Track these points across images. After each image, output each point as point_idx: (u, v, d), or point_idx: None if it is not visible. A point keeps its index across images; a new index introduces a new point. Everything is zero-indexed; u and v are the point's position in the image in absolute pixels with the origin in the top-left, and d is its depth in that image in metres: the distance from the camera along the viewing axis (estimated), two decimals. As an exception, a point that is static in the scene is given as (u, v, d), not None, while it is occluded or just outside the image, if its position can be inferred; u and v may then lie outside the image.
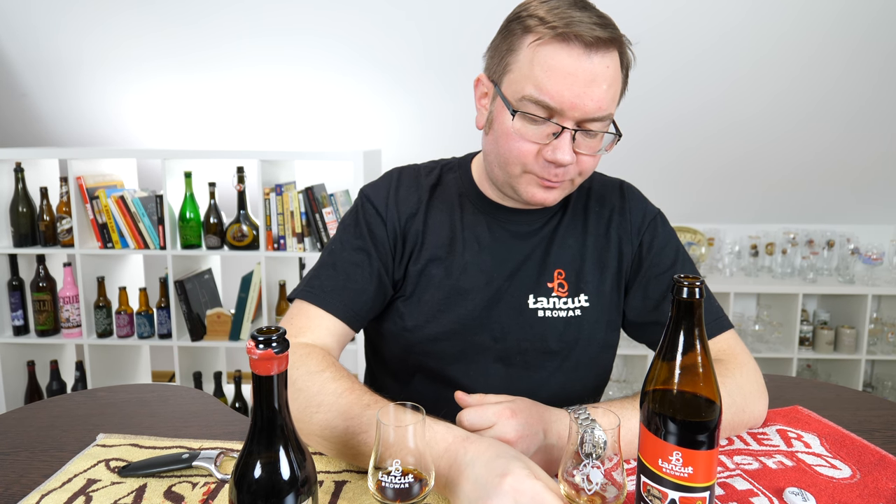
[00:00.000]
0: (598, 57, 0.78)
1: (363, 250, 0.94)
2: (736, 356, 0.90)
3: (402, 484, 0.58)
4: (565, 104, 0.78)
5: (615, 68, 0.80)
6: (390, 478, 0.58)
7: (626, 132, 0.95)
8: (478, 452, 0.64)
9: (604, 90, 0.79)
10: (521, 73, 0.81)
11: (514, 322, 0.94)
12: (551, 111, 0.79)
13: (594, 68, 0.77)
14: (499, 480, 0.59)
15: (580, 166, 0.85)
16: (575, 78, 0.77)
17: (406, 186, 1.00)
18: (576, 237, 0.97)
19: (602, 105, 0.79)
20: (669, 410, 0.57)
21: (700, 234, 2.92)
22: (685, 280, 0.56)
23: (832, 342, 2.72)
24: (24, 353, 2.56)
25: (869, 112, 2.55)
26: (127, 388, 1.06)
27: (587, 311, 0.95)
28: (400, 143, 2.83)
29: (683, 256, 0.99)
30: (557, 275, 0.95)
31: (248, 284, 2.50)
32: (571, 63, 0.77)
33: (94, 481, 0.75)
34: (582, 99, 0.78)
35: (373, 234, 0.96)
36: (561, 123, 0.80)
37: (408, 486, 0.58)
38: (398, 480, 0.57)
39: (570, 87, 0.77)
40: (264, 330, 0.53)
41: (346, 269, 0.93)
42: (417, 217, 0.97)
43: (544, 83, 0.78)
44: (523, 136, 0.82)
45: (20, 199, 2.42)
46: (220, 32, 2.47)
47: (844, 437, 0.84)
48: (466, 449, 0.65)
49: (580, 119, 0.80)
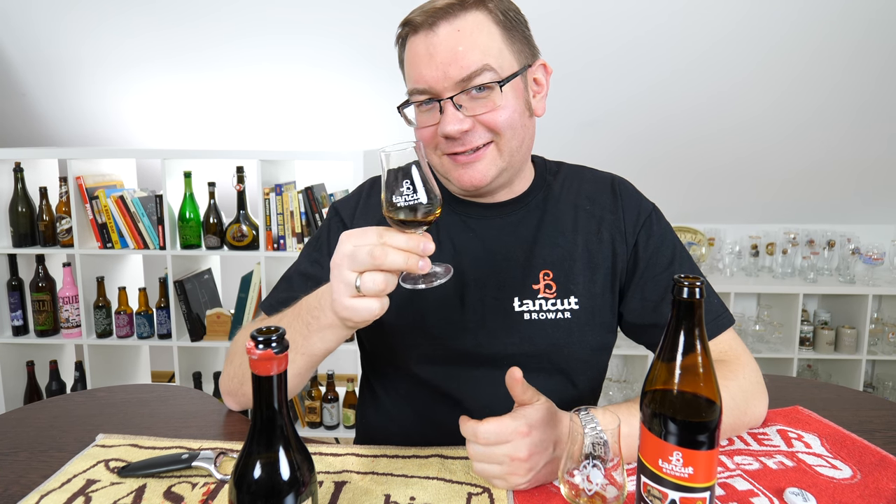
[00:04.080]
0: (444, 28, 0.82)
1: (318, 263, 0.97)
2: (737, 357, 0.90)
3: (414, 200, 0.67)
4: (430, 80, 0.82)
5: (473, 25, 0.82)
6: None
7: (627, 131, 0.95)
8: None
9: (460, 51, 0.81)
10: (406, 78, 0.89)
11: (499, 326, 0.91)
12: (427, 93, 0.84)
13: (441, 40, 0.82)
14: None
15: (487, 125, 0.84)
16: (430, 56, 0.82)
17: (378, 193, 1.00)
18: (566, 236, 0.95)
19: (464, 64, 0.81)
20: (670, 410, 0.57)
21: (700, 234, 2.92)
22: (685, 280, 0.55)
23: (833, 342, 2.72)
24: (24, 353, 2.56)
25: (870, 112, 2.55)
26: (126, 388, 1.06)
27: (577, 314, 0.92)
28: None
29: (681, 253, 0.96)
30: (544, 276, 0.92)
31: (247, 284, 2.50)
32: (423, 46, 0.83)
33: (93, 482, 0.75)
34: (441, 69, 0.81)
35: (332, 248, 0.97)
36: (439, 98, 0.83)
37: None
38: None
39: (427, 65, 0.82)
40: (264, 330, 0.53)
41: (297, 281, 0.97)
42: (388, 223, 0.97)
43: (412, 73, 0.85)
44: (422, 124, 0.88)
45: (20, 198, 2.42)
46: (220, 32, 2.47)
47: (845, 437, 0.84)
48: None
49: (454, 87, 0.82)
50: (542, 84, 0.92)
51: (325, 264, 0.96)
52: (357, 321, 0.69)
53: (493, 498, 0.71)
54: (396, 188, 0.67)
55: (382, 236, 0.66)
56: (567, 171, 1.02)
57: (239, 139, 2.90)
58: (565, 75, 2.46)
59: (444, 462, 0.79)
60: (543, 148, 0.99)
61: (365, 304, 0.67)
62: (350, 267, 0.67)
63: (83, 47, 2.56)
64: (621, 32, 2.35)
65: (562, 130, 2.66)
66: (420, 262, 0.66)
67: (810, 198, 2.91)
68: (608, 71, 2.48)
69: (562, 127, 2.65)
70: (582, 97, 2.56)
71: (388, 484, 0.74)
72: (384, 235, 0.66)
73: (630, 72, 2.47)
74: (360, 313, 0.68)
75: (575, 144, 2.75)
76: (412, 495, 0.71)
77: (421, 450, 0.82)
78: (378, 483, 0.74)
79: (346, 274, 0.67)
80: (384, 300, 0.68)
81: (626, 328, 0.99)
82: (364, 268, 0.66)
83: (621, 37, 2.36)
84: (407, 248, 0.66)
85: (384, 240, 0.66)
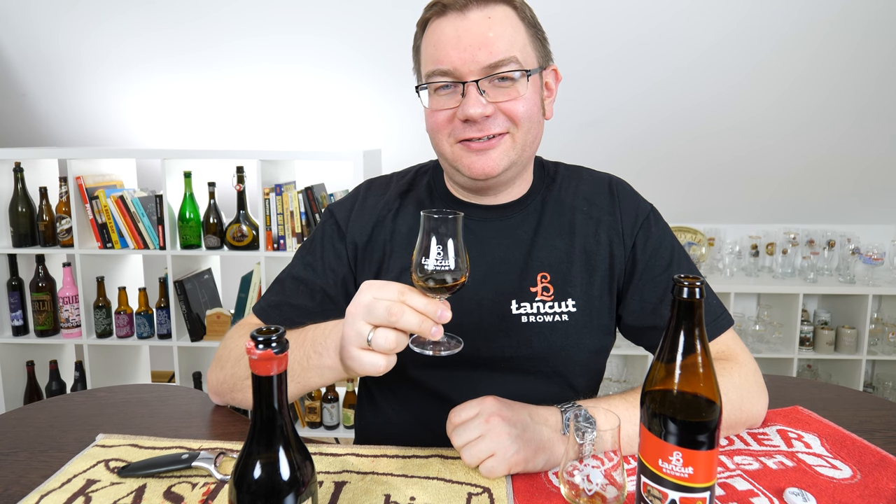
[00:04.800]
0: (475, 12, 0.82)
1: (311, 267, 0.97)
2: (735, 356, 0.90)
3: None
4: (456, 62, 0.82)
5: (502, 15, 0.84)
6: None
7: (628, 130, 0.95)
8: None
9: (490, 37, 0.82)
10: (424, 61, 0.88)
11: (497, 329, 0.91)
12: (450, 75, 0.84)
13: (473, 24, 0.82)
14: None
15: (507, 114, 0.85)
16: (458, 39, 0.82)
17: (374, 195, 1.00)
18: (563, 239, 0.94)
19: (493, 50, 0.81)
20: (670, 411, 0.57)
21: (700, 234, 2.91)
22: (685, 280, 0.55)
23: (833, 342, 2.72)
24: (24, 353, 2.56)
25: (870, 112, 2.55)
26: (126, 388, 1.06)
27: (575, 317, 0.91)
28: (400, 142, 2.83)
29: (679, 254, 0.96)
30: (541, 278, 0.92)
31: (247, 284, 2.50)
32: (451, 28, 0.83)
33: (93, 482, 0.75)
34: (470, 52, 0.81)
35: (325, 251, 0.97)
36: (462, 81, 0.83)
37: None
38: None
39: (455, 47, 0.82)
40: (264, 330, 0.53)
41: (289, 284, 0.97)
42: (384, 225, 0.97)
43: (436, 55, 0.84)
44: (438, 108, 0.87)
45: (19, 198, 2.42)
46: (220, 32, 2.47)
47: (845, 437, 0.84)
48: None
49: (480, 72, 0.82)
50: (552, 89, 0.94)
51: (318, 268, 0.97)
52: (359, 373, 0.69)
53: (493, 498, 0.70)
54: (429, 252, 0.67)
55: (403, 294, 0.65)
56: (564, 173, 1.02)
57: (239, 139, 2.90)
58: (567, 75, 2.45)
59: (444, 462, 0.79)
60: (545, 147, 0.99)
61: (372, 359, 0.67)
62: (365, 318, 0.66)
63: (83, 47, 2.56)
64: (623, 32, 2.35)
65: (563, 130, 2.66)
66: (433, 328, 0.65)
67: (810, 198, 2.91)
68: (610, 71, 2.48)
69: (564, 127, 2.64)
70: (584, 97, 2.56)
71: (388, 484, 0.74)
72: (405, 294, 0.65)
73: (631, 71, 2.47)
74: (364, 367, 0.67)
75: (576, 144, 2.75)
76: (412, 495, 0.71)
77: (421, 450, 0.82)
78: (378, 483, 0.74)
79: (359, 324, 0.66)
80: (391, 358, 0.67)
81: (625, 330, 0.98)
82: (378, 322, 0.65)
83: (622, 36, 2.36)
84: (424, 311, 0.65)
85: (404, 298, 0.65)
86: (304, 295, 0.96)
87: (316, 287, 0.96)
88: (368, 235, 0.97)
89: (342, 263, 0.97)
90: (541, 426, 0.76)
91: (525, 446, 0.73)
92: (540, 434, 0.75)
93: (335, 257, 0.97)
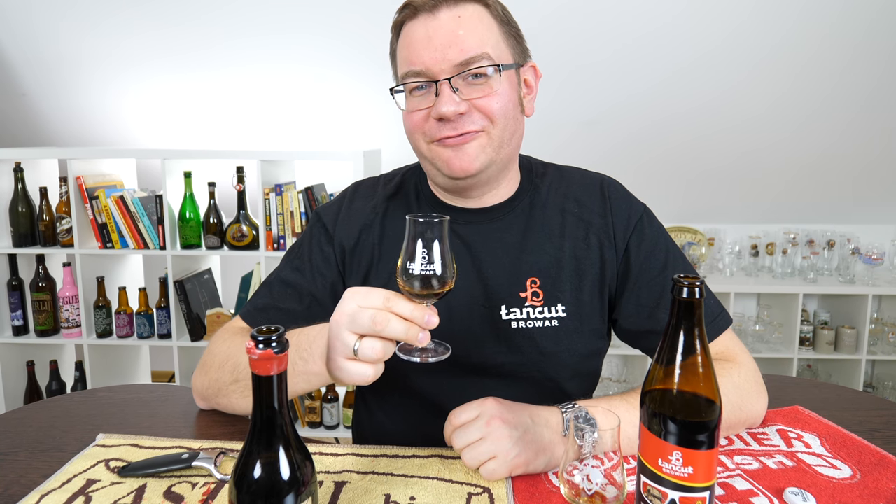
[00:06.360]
0: (445, 12, 0.83)
1: (299, 270, 0.96)
2: (735, 356, 0.90)
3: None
4: (428, 62, 0.82)
5: (473, 13, 0.84)
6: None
7: (627, 130, 0.95)
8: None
9: (460, 35, 0.82)
10: (399, 63, 0.88)
11: (487, 335, 0.90)
12: (423, 75, 0.84)
13: (443, 24, 0.82)
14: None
15: (482, 110, 0.84)
16: (429, 39, 0.82)
17: (362, 198, 0.99)
18: (553, 242, 0.93)
19: (464, 47, 0.81)
20: (670, 410, 0.57)
21: (700, 234, 2.91)
22: (685, 280, 0.55)
23: (832, 342, 2.72)
24: (24, 353, 2.56)
25: (870, 112, 2.55)
26: (127, 388, 1.06)
27: (565, 322, 0.90)
28: (400, 142, 2.82)
29: (674, 255, 0.94)
30: (531, 283, 0.91)
31: (247, 284, 2.50)
32: (422, 29, 0.83)
33: (93, 481, 0.75)
34: (441, 51, 0.82)
35: (313, 254, 0.96)
36: (434, 80, 0.83)
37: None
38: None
39: (426, 47, 0.82)
40: (264, 330, 0.53)
41: (277, 288, 0.97)
42: (372, 228, 0.96)
43: (409, 56, 0.85)
44: (413, 109, 0.87)
45: (20, 198, 2.42)
46: (220, 32, 2.47)
47: (844, 437, 0.84)
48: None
49: (451, 70, 0.82)
50: (531, 86, 0.93)
51: (307, 272, 0.96)
52: (346, 382, 0.68)
53: (493, 498, 0.71)
54: (415, 256, 0.66)
55: (388, 301, 0.64)
56: (554, 173, 1.00)
57: (239, 139, 2.90)
58: (568, 73, 2.46)
59: (444, 462, 0.79)
60: (543, 147, 0.99)
61: (358, 369, 0.66)
62: (350, 328, 0.65)
63: (83, 47, 2.56)
64: (624, 31, 2.35)
65: (561, 129, 2.66)
66: (420, 335, 0.64)
67: (810, 197, 2.91)
68: (610, 70, 2.48)
69: (562, 126, 2.65)
70: (583, 96, 2.57)
71: (388, 484, 0.74)
72: (390, 300, 0.64)
73: (631, 71, 2.47)
74: (351, 376, 0.66)
75: (574, 143, 2.75)
76: (412, 495, 0.71)
77: (421, 450, 0.82)
78: (378, 483, 0.74)
79: (344, 335, 0.65)
80: (379, 366, 0.66)
81: (621, 334, 0.97)
82: (363, 331, 0.64)
83: (623, 35, 2.36)
84: (410, 317, 0.64)
85: (389, 305, 0.64)
86: (293, 298, 0.95)
87: (304, 290, 0.95)
88: (356, 239, 0.96)
89: (330, 266, 0.96)
90: (542, 428, 0.76)
91: (526, 449, 0.73)
92: (541, 436, 0.75)
93: (323, 260, 0.96)
